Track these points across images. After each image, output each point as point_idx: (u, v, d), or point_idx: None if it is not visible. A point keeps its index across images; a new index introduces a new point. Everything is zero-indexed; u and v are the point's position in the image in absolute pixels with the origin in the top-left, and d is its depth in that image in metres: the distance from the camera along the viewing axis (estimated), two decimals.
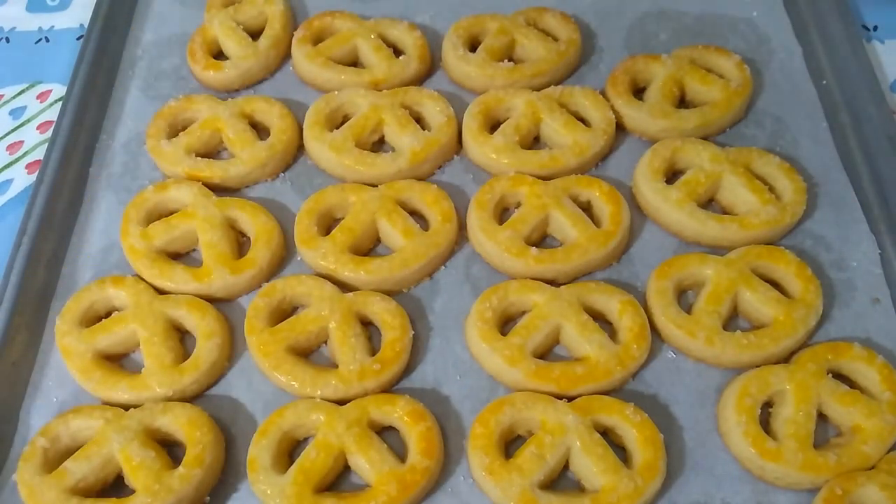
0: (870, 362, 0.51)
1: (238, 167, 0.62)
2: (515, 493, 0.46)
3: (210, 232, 0.57)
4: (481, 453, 0.48)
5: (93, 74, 0.68)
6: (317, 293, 0.55)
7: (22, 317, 0.55)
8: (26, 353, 0.55)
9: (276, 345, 0.53)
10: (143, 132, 0.65)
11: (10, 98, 0.71)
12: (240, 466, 0.50)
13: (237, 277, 0.56)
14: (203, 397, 0.53)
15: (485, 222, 0.57)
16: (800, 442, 0.48)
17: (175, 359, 0.53)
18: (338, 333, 0.53)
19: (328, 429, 0.49)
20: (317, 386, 0.51)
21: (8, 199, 0.65)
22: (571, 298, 0.54)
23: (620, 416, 0.49)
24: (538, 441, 0.48)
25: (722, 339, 0.52)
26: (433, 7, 0.74)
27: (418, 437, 0.49)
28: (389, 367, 0.52)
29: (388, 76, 0.66)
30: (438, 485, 0.50)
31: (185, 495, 0.47)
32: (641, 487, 0.47)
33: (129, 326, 0.54)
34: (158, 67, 0.71)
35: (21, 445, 0.51)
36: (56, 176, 0.61)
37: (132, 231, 0.58)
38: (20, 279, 0.56)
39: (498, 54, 0.68)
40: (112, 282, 0.56)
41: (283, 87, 0.69)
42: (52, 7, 0.78)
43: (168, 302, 0.55)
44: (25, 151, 0.68)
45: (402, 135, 0.62)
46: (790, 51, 0.70)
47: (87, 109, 0.66)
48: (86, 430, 0.50)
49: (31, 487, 0.47)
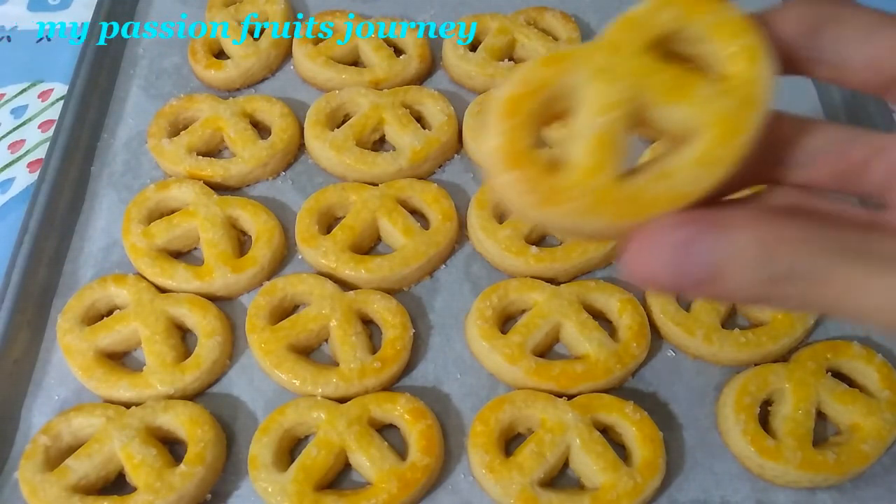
0: (869, 361, 0.51)
1: (239, 166, 0.62)
2: (515, 490, 0.47)
3: (211, 230, 0.58)
4: (481, 451, 0.48)
5: (94, 73, 0.68)
6: (317, 292, 0.55)
7: (23, 315, 0.55)
8: (28, 351, 0.55)
9: (277, 343, 0.53)
10: (145, 131, 0.65)
11: (12, 97, 0.72)
12: (241, 464, 0.50)
13: (238, 276, 0.56)
14: (204, 395, 0.54)
15: (485, 221, 0.58)
16: (799, 440, 0.48)
17: (176, 357, 0.53)
18: (338, 332, 0.53)
19: (329, 427, 0.49)
20: (317, 384, 0.51)
21: (9, 197, 0.65)
22: (571, 297, 0.54)
23: (620, 414, 0.49)
24: (538, 439, 0.48)
25: (720, 337, 0.52)
26: (433, 7, 0.74)
27: (419, 434, 0.49)
28: (390, 366, 0.52)
29: (388, 75, 0.66)
30: (439, 482, 0.50)
31: (186, 493, 0.47)
32: (641, 485, 0.47)
33: (130, 325, 0.54)
34: (160, 66, 0.71)
35: (23, 443, 0.51)
36: (57, 175, 0.61)
37: (133, 229, 0.58)
38: (22, 277, 0.56)
39: (498, 54, 0.68)
40: (113, 280, 0.56)
41: (284, 86, 0.69)
42: (53, 6, 0.78)
43: (169, 300, 0.55)
44: (27, 150, 0.68)
45: (403, 134, 0.63)
46: None
47: (88, 108, 0.66)
48: (87, 427, 0.50)
49: (32, 485, 0.47)
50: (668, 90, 0.24)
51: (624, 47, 0.24)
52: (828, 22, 0.26)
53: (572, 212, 0.23)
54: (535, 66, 0.24)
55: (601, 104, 0.24)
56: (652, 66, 0.24)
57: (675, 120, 0.24)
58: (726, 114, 0.23)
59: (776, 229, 0.22)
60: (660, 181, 0.23)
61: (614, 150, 0.23)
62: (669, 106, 0.24)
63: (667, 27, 0.24)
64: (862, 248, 0.21)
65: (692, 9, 0.24)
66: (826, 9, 0.26)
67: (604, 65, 0.24)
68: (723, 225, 0.22)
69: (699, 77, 0.24)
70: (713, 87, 0.24)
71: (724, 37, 0.24)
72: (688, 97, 0.24)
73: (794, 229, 0.22)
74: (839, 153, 0.26)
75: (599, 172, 0.23)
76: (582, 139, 0.24)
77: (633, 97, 0.24)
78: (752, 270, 0.22)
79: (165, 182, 0.61)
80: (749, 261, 0.22)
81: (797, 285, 0.21)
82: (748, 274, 0.22)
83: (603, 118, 0.23)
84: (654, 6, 0.24)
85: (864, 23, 0.26)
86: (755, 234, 0.22)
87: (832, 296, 0.22)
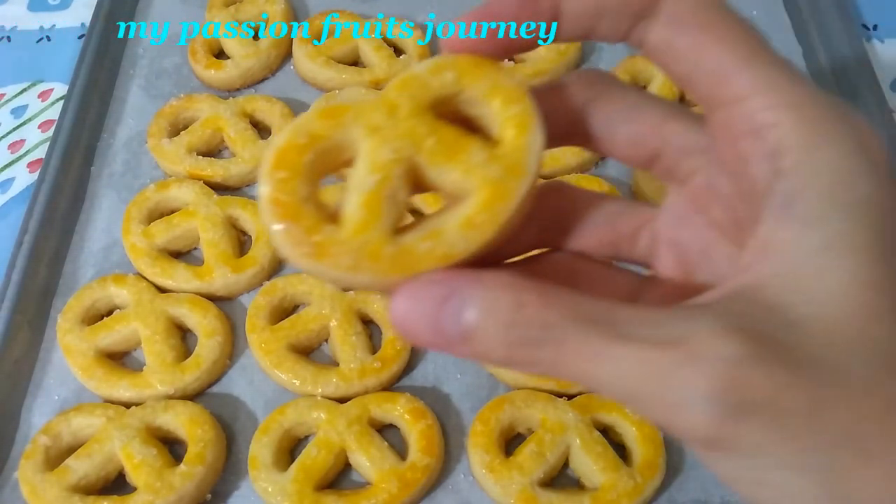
0: None
1: (239, 166, 0.62)
2: (515, 490, 0.47)
3: (211, 230, 0.58)
4: (481, 451, 0.48)
5: (94, 73, 0.68)
6: (317, 291, 0.55)
7: (24, 315, 0.55)
8: (28, 351, 0.55)
9: (277, 343, 0.53)
10: (145, 131, 0.65)
11: (12, 97, 0.72)
12: (241, 464, 0.50)
13: (238, 276, 0.56)
14: (204, 395, 0.54)
15: None
16: None
17: (176, 357, 0.53)
18: (338, 332, 0.53)
19: (329, 426, 0.49)
20: (317, 384, 0.51)
21: (9, 197, 0.65)
22: None
23: (620, 414, 0.49)
24: (538, 439, 0.48)
25: None
26: (433, 7, 0.74)
27: (419, 434, 0.49)
28: (390, 366, 0.52)
29: (388, 75, 0.66)
30: (439, 482, 0.50)
31: (186, 493, 0.47)
32: (641, 485, 0.47)
33: (130, 324, 0.54)
34: (159, 66, 0.71)
35: (23, 443, 0.51)
36: (57, 175, 0.61)
37: (133, 229, 0.58)
38: (22, 277, 0.56)
39: None
40: (113, 280, 0.56)
41: (284, 86, 0.69)
42: (53, 6, 0.78)
43: (169, 300, 0.55)
44: (27, 150, 0.68)
45: None
46: (790, 50, 0.70)
47: (88, 108, 0.66)
48: (87, 427, 0.50)
49: (32, 485, 0.47)
50: (440, 152, 0.24)
51: (402, 107, 0.24)
52: (597, 99, 0.27)
53: (339, 266, 0.23)
54: (311, 118, 0.24)
55: (373, 163, 0.24)
56: (429, 127, 0.24)
57: (448, 181, 0.24)
58: (493, 180, 0.24)
59: (531, 293, 0.22)
60: (428, 240, 0.23)
61: (387, 207, 0.24)
62: (441, 168, 0.24)
63: (445, 90, 0.25)
64: (604, 318, 0.22)
65: (470, 73, 0.25)
66: (597, 86, 0.27)
67: (379, 124, 0.24)
68: (481, 284, 0.22)
69: (473, 140, 0.24)
70: (484, 152, 0.24)
71: (498, 103, 0.25)
72: (459, 161, 0.24)
73: (548, 295, 0.22)
74: (611, 225, 0.28)
75: (370, 228, 0.23)
76: (355, 194, 0.24)
77: (405, 158, 0.24)
78: (503, 331, 0.22)
79: (165, 182, 0.61)
80: (500, 322, 0.22)
81: (544, 350, 0.21)
82: (500, 335, 0.22)
83: (374, 177, 0.24)
84: (433, 67, 0.25)
85: (628, 102, 0.27)
86: (510, 295, 0.22)
87: (573, 363, 0.22)
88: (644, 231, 0.29)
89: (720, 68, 0.24)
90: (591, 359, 0.21)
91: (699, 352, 0.20)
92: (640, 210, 0.29)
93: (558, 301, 0.22)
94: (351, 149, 0.25)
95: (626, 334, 0.21)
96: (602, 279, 0.29)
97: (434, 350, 0.24)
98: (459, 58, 0.25)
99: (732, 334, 0.20)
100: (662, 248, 0.28)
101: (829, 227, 0.22)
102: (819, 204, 0.22)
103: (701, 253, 0.28)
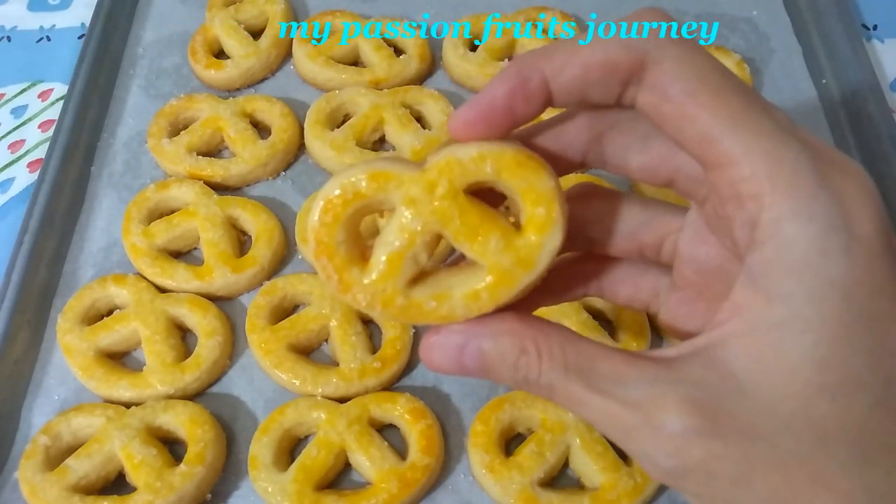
0: None
1: (239, 166, 0.62)
2: (515, 490, 0.47)
3: (211, 230, 0.58)
4: (481, 451, 0.48)
5: (94, 73, 0.68)
6: (318, 291, 0.55)
7: (24, 315, 0.55)
8: (28, 351, 0.55)
9: (277, 343, 0.53)
10: (145, 131, 0.65)
11: (12, 97, 0.72)
12: (241, 464, 0.50)
13: (238, 276, 0.56)
14: (204, 395, 0.54)
15: None
16: None
17: (176, 357, 0.53)
18: (338, 332, 0.53)
19: (329, 426, 0.49)
20: (317, 384, 0.51)
21: (9, 197, 0.65)
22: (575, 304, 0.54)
23: None
24: (538, 439, 0.48)
25: None
26: (433, 7, 0.74)
27: (419, 434, 0.49)
28: (390, 366, 0.52)
29: (388, 75, 0.66)
30: (439, 482, 0.50)
31: (186, 493, 0.47)
32: (641, 485, 0.47)
33: (130, 324, 0.54)
34: (159, 66, 0.71)
35: (23, 443, 0.51)
36: (57, 174, 0.61)
37: (133, 229, 0.58)
38: (22, 277, 0.56)
39: (498, 54, 0.68)
40: (113, 280, 0.56)
41: (285, 86, 0.69)
42: (53, 6, 0.78)
43: (169, 300, 0.55)
44: (27, 150, 0.68)
45: (403, 134, 0.63)
46: (790, 50, 0.70)
47: (88, 108, 0.66)
48: (87, 427, 0.50)
49: (32, 485, 0.47)
50: (463, 233, 0.28)
51: (439, 187, 0.28)
52: (610, 130, 0.30)
53: (357, 303, 0.28)
54: (359, 176, 0.28)
55: (402, 228, 0.28)
56: (459, 209, 0.28)
57: (466, 253, 0.28)
58: (502, 268, 0.28)
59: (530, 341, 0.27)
60: (434, 300, 0.28)
61: (406, 266, 0.28)
62: (461, 244, 0.28)
63: (482, 178, 0.28)
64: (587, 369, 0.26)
65: (508, 170, 0.28)
66: (610, 116, 0.30)
67: (416, 197, 0.28)
68: (491, 332, 0.28)
69: (495, 225, 0.28)
70: (502, 241, 0.28)
71: (528, 201, 0.28)
72: (477, 243, 0.28)
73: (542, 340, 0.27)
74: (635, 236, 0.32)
75: (388, 280, 0.28)
76: (382, 250, 0.28)
77: (431, 231, 0.28)
78: (510, 371, 0.28)
79: (165, 182, 0.61)
80: (508, 364, 0.28)
81: (541, 389, 0.27)
82: (509, 373, 0.28)
83: (401, 240, 0.28)
84: (477, 157, 0.28)
85: (639, 133, 0.30)
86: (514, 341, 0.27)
87: (563, 403, 0.27)
88: (667, 242, 0.32)
89: (705, 134, 0.25)
90: (575, 403, 0.27)
91: (654, 420, 0.25)
92: (665, 220, 0.32)
93: (549, 349, 0.27)
94: (388, 204, 0.28)
95: (602, 389, 0.26)
96: (627, 280, 0.34)
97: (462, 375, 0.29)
98: (504, 153, 0.28)
99: (683, 406, 0.24)
100: (683, 260, 0.31)
101: (791, 303, 0.24)
102: (785, 280, 0.24)
103: (717, 269, 0.30)
